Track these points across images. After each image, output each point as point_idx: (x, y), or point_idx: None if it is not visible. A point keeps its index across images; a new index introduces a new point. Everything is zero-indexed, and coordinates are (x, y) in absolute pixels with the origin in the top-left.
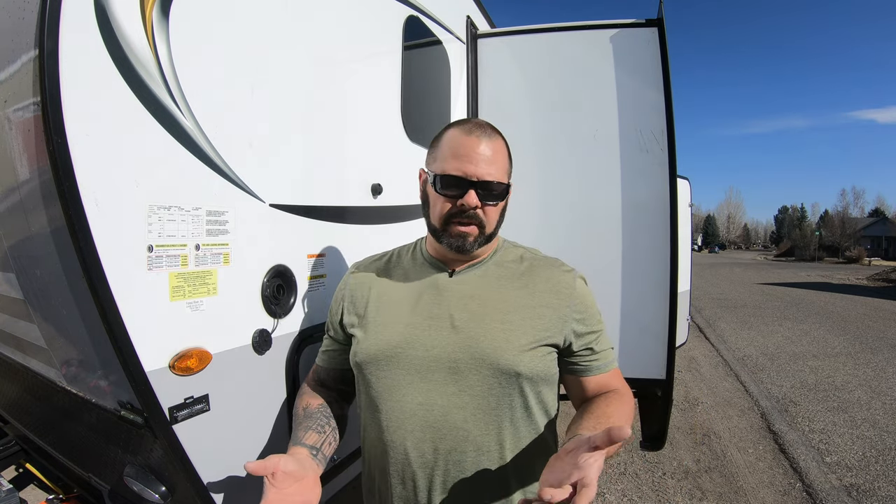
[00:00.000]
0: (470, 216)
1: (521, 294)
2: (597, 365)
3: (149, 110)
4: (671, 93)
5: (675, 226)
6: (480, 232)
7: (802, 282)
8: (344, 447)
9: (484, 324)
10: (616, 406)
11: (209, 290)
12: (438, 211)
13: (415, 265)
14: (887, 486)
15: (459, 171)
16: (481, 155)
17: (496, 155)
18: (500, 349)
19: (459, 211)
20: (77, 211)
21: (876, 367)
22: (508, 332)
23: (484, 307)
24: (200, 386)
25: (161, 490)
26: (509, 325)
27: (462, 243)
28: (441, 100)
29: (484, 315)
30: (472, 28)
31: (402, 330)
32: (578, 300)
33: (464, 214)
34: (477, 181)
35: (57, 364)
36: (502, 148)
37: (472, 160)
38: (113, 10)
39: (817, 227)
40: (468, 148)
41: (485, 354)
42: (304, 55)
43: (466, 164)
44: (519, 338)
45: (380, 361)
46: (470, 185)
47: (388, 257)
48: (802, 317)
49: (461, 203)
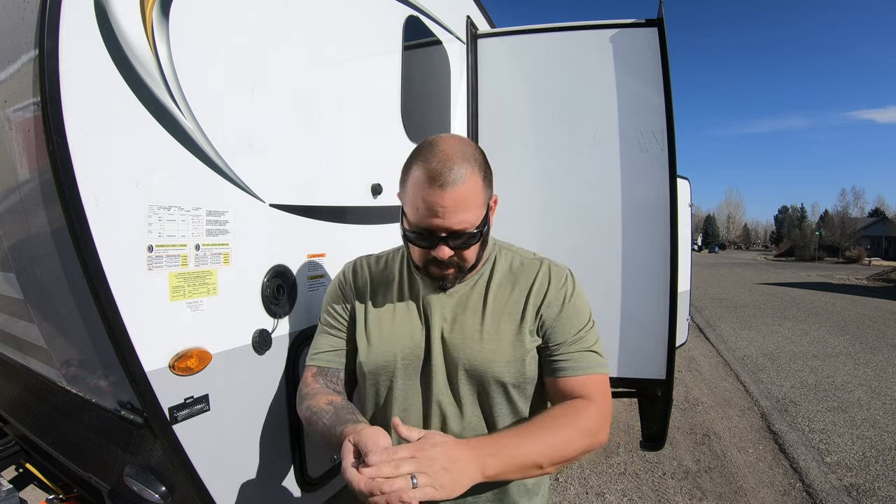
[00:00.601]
0: (445, 264)
1: (509, 301)
2: (571, 366)
3: (149, 110)
4: (671, 93)
5: (675, 226)
6: (459, 271)
7: (802, 282)
8: None
9: (470, 336)
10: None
11: (209, 290)
12: (415, 256)
13: (410, 272)
14: (887, 486)
15: (428, 225)
16: (448, 207)
17: (466, 199)
18: (488, 361)
19: (434, 259)
20: (77, 211)
21: (876, 367)
22: (496, 344)
23: (472, 318)
24: (200, 386)
25: (161, 490)
26: (497, 336)
27: (442, 283)
28: (441, 100)
29: (470, 327)
30: (472, 28)
31: (405, 342)
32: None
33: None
34: (446, 234)
35: (57, 364)
36: (473, 184)
37: (438, 214)
38: (113, 10)
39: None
40: (433, 201)
41: (473, 368)
42: (304, 55)
43: (433, 219)
44: (506, 349)
45: (387, 373)
46: (440, 240)
47: (385, 261)
48: (802, 317)
49: (433, 255)
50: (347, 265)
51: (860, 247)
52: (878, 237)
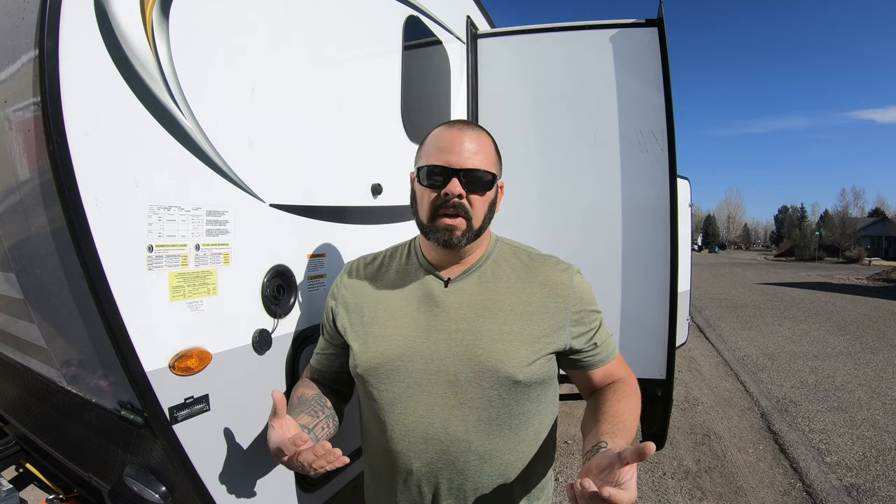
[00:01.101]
0: (455, 206)
1: (519, 300)
2: (600, 358)
3: (149, 110)
4: (671, 93)
5: (675, 226)
6: (468, 225)
7: (802, 282)
8: (343, 447)
9: (482, 335)
10: (626, 402)
11: (209, 290)
12: (425, 205)
13: (409, 271)
14: (887, 486)
15: (442, 161)
16: (464, 145)
17: (481, 147)
18: (498, 361)
19: (444, 202)
20: (77, 211)
21: (876, 367)
22: (507, 343)
23: (481, 317)
24: (200, 386)
25: (161, 490)
26: (507, 336)
27: (449, 237)
28: (441, 100)
29: (481, 326)
30: (472, 28)
31: (400, 343)
32: (576, 299)
33: (449, 205)
34: (460, 169)
35: (57, 364)
36: (488, 142)
37: (453, 150)
38: (113, 10)
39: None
40: (450, 140)
41: (483, 367)
42: (304, 55)
43: (448, 155)
44: (517, 348)
45: (380, 374)
46: (453, 174)
47: (381, 260)
48: (802, 317)
49: (445, 192)
50: (344, 267)
51: (860, 247)
52: (878, 237)
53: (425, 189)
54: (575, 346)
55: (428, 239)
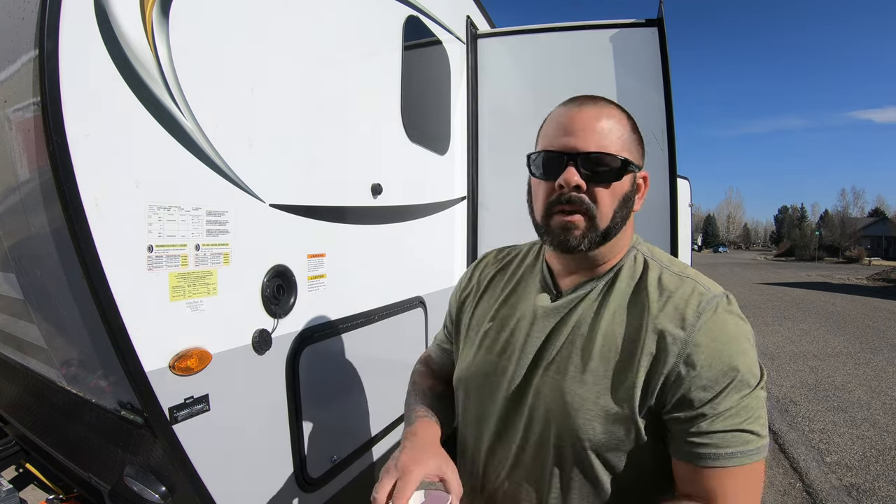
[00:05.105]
0: (572, 200)
1: (622, 330)
2: (697, 452)
3: (149, 110)
4: (671, 93)
5: (675, 226)
6: (590, 224)
7: (802, 281)
8: (343, 447)
9: (563, 371)
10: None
11: (209, 290)
12: (539, 201)
13: (531, 275)
14: (887, 486)
15: (558, 145)
16: (586, 124)
17: (610, 126)
18: (569, 407)
19: (559, 196)
20: (77, 211)
21: (876, 367)
22: (587, 388)
23: (570, 344)
24: (200, 386)
25: (161, 490)
26: (591, 377)
27: (566, 237)
28: (441, 100)
29: (564, 356)
30: (472, 28)
31: (492, 359)
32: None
33: (564, 199)
34: (578, 154)
35: (57, 364)
36: (620, 120)
37: (572, 131)
38: (113, 11)
39: (817, 227)
40: (570, 117)
41: (551, 410)
42: (304, 55)
43: (565, 137)
44: (598, 396)
45: (469, 388)
46: (569, 160)
47: (516, 256)
48: (802, 316)
49: (559, 183)
50: (481, 257)
51: (860, 247)
52: (878, 237)
53: (539, 182)
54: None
55: (544, 242)
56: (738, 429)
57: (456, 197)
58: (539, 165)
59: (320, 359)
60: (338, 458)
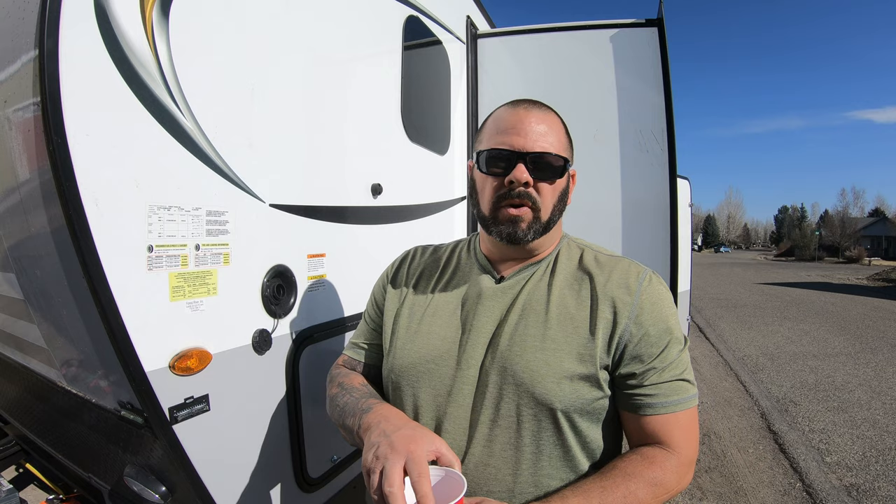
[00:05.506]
0: (521, 195)
1: (572, 303)
2: (649, 402)
3: (149, 110)
4: (671, 93)
5: (675, 226)
6: (535, 216)
7: (802, 281)
8: (344, 447)
9: (521, 340)
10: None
11: (209, 290)
12: (486, 195)
13: (465, 265)
14: (887, 486)
15: (506, 144)
16: (531, 125)
17: (551, 127)
18: (538, 372)
19: (508, 191)
20: (77, 211)
21: (876, 367)
22: (548, 353)
23: (526, 321)
24: (200, 386)
25: (161, 490)
26: (551, 343)
27: (514, 229)
28: (441, 100)
29: (522, 330)
30: (472, 28)
31: (438, 344)
32: (646, 310)
33: (514, 194)
34: (526, 153)
35: (57, 364)
36: (558, 123)
37: (519, 132)
38: (113, 10)
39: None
40: (516, 120)
41: (518, 379)
42: (304, 55)
43: (513, 137)
44: (561, 360)
45: (410, 377)
46: (518, 158)
47: (442, 252)
48: (802, 316)
49: (509, 179)
50: (402, 254)
51: (860, 246)
52: (878, 237)
53: (486, 177)
54: (626, 371)
55: (490, 233)
56: (678, 379)
57: (456, 197)
58: (487, 163)
59: (320, 359)
60: (338, 458)
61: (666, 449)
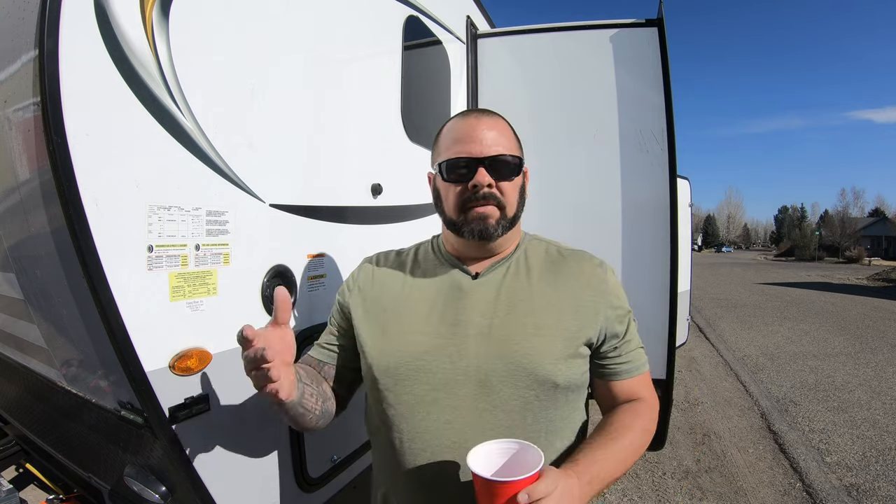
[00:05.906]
0: (486, 196)
1: (552, 292)
2: (626, 368)
3: (149, 110)
4: (671, 93)
5: (675, 226)
6: (502, 213)
7: (802, 282)
8: (344, 447)
9: (516, 329)
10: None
11: (209, 290)
12: (452, 201)
13: (433, 264)
14: (887, 486)
15: (464, 152)
16: (484, 132)
17: (501, 132)
18: (536, 357)
19: (473, 195)
20: (77, 211)
21: (876, 367)
22: (543, 338)
23: (514, 310)
24: (200, 386)
25: (161, 490)
26: (544, 329)
27: (484, 226)
28: (441, 100)
29: (515, 319)
30: (472, 28)
31: (424, 339)
32: (612, 295)
33: (478, 196)
34: (485, 158)
35: (57, 364)
36: (506, 127)
37: (474, 139)
38: (113, 10)
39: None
40: (468, 129)
41: (519, 365)
42: (304, 55)
43: (469, 145)
44: (555, 343)
45: (399, 375)
46: (478, 164)
47: (405, 254)
48: (802, 316)
49: (473, 184)
50: (364, 259)
51: (860, 246)
52: (878, 237)
53: (450, 185)
54: (606, 345)
55: (461, 234)
56: (639, 347)
57: None
58: (449, 171)
59: None
60: (338, 458)
61: (642, 402)
